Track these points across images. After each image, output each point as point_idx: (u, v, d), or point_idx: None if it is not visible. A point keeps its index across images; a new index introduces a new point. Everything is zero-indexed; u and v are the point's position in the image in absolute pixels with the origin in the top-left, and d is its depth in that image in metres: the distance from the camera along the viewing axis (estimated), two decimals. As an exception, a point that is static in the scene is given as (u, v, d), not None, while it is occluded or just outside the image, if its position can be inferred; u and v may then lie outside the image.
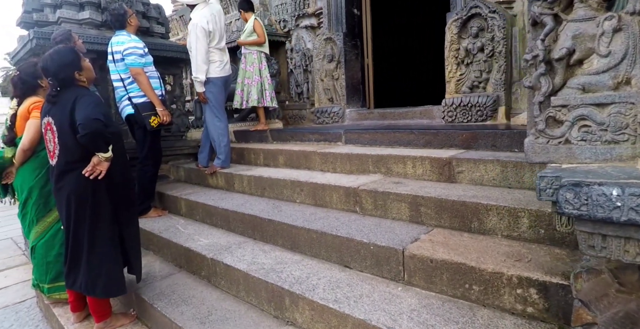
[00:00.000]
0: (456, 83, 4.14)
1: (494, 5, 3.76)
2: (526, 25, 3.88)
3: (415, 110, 4.55)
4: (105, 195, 2.42)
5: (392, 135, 3.52)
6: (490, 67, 3.92)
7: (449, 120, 4.12)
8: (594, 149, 1.53)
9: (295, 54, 5.68)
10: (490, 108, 3.86)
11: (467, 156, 2.80)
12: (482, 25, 3.87)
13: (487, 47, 3.85)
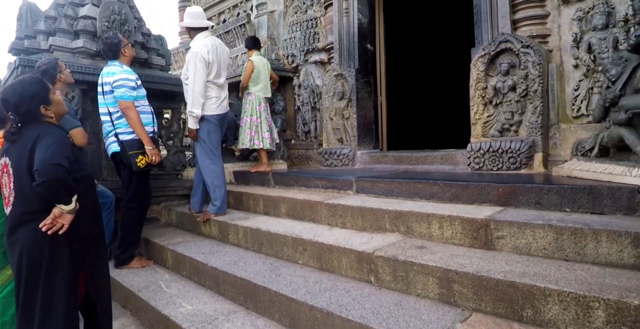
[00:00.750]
0: (483, 126, 3.70)
1: (527, 39, 3.38)
2: (565, 62, 3.49)
3: (436, 154, 4.09)
4: (66, 253, 2.02)
5: (412, 185, 3.05)
6: (524, 108, 3.48)
7: (476, 168, 3.65)
8: None
9: (303, 90, 5.36)
10: (525, 155, 3.39)
11: (508, 217, 2.31)
12: (514, 62, 3.48)
13: (519, 85, 3.44)
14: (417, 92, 8.51)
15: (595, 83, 3.30)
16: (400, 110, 7.40)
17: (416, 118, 8.45)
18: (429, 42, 8.30)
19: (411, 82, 8.23)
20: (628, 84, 2.67)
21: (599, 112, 2.84)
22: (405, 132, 7.74)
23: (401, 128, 7.26)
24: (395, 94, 7.11)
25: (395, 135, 6.09)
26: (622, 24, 3.19)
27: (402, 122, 7.55)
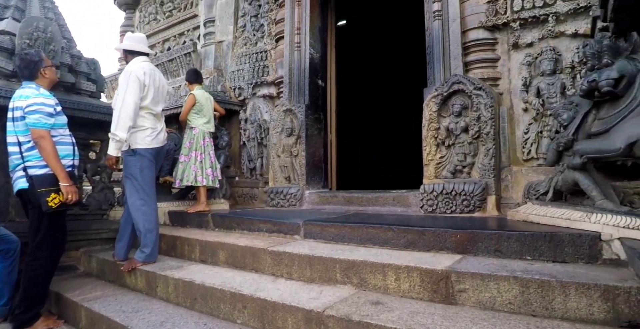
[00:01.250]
0: (436, 167, 3.64)
1: (479, 81, 3.42)
2: (515, 105, 3.56)
3: (387, 195, 3.96)
4: None
5: (365, 230, 2.84)
6: (476, 149, 3.47)
7: (429, 210, 3.53)
8: None
9: (249, 124, 5.13)
10: (479, 198, 3.32)
11: (470, 268, 2.14)
12: (466, 103, 3.50)
13: (472, 127, 3.44)
14: (369, 131, 8.57)
15: (545, 127, 3.36)
16: (351, 148, 7.36)
17: (367, 156, 8.45)
18: (382, 81, 8.47)
19: (363, 120, 8.30)
20: (580, 129, 2.70)
21: (553, 156, 2.84)
22: (355, 171, 7.68)
23: (351, 167, 7.17)
24: (346, 132, 7.09)
25: (345, 173, 5.96)
26: (569, 70, 3.31)
27: (352, 161, 7.48)
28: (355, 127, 8.22)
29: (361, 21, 7.90)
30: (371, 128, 8.73)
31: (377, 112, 8.61)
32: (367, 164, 8.81)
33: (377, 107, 8.61)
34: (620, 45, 2.45)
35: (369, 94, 8.54)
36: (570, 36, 3.34)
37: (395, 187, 4.39)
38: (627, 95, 2.42)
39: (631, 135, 2.30)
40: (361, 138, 8.66)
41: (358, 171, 8.21)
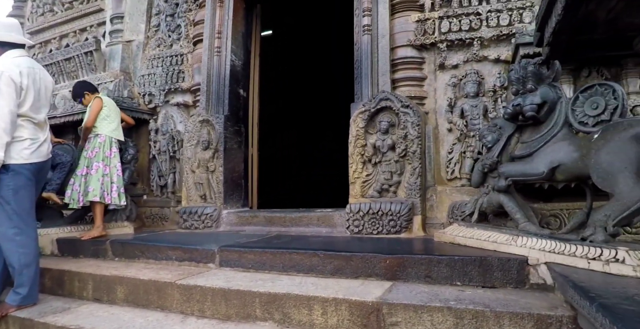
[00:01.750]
0: (362, 185, 3.55)
1: (406, 99, 3.42)
2: (440, 125, 3.61)
3: (312, 215, 3.78)
4: None
5: (288, 256, 2.62)
6: (403, 168, 3.44)
7: (355, 231, 3.42)
8: None
9: (161, 136, 4.67)
10: (405, 218, 3.28)
11: (402, 298, 2.02)
12: (393, 121, 3.47)
13: (399, 145, 3.41)
14: (292, 145, 8.41)
15: (468, 147, 3.44)
16: (274, 163, 7.14)
17: (292, 173, 8.26)
18: (308, 94, 8.40)
19: (286, 134, 8.12)
20: (504, 151, 2.77)
21: (478, 177, 2.88)
22: (279, 188, 7.45)
23: (274, 184, 6.93)
24: (269, 146, 6.86)
25: (268, 191, 5.72)
26: (491, 94, 3.44)
27: (275, 177, 7.26)
28: (289, 131, 8.07)
29: (293, 29, 7.80)
30: (306, 132, 8.60)
31: (311, 117, 8.51)
32: (303, 166, 8.70)
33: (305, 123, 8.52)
34: (543, 72, 2.56)
35: (303, 101, 8.43)
36: (493, 61, 3.48)
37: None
38: (549, 121, 2.52)
39: (553, 160, 2.37)
40: (297, 141, 8.50)
41: (293, 176, 8.05)
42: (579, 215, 2.40)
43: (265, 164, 5.32)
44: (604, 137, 2.12)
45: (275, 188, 7.24)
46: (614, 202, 2.02)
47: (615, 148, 2.05)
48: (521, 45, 3.03)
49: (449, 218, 3.36)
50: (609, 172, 2.06)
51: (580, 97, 2.42)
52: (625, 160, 2.00)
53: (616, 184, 2.02)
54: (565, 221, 2.88)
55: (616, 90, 2.28)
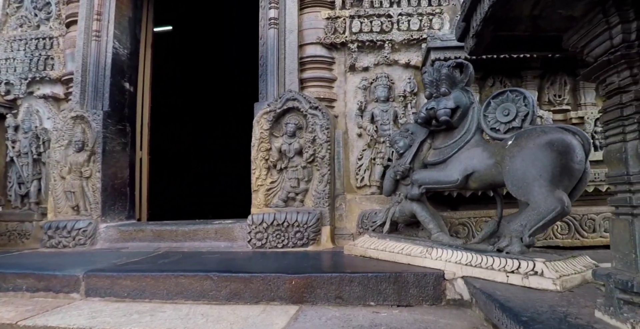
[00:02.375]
0: (266, 194, 3.20)
1: (315, 101, 3.15)
2: (350, 130, 3.40)
3: (209, 228, 3.32)
4: None
5: (174, 281, 2.17)
6: (310, 175, 3.16)
7: (258, 245, 3.05)
8: None
9: (22, 134, 3.82)
10: (313, 229, 2.99)
11: (310, 327, 1.70)
12: (301, 123, 3.18)
13: (307, 150, 3.13)
14: (194, 149, 7.72)
15: (378, 154, 3.28)
16: (166, 169, 6.45)
17: (192, 180, 7.55)
18: (210, 91, 7.78)
19: (181, 136, 7.42)
20: (416, 158, 2.62)
21: (390, 185, 2.70)
22: (176, 196, 6.76)
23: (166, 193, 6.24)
24: (164, 150, 6.18)
25: (163, 200, 5.07)
26: (401, 99, 3.32)
27: (168, 185, 6.56)
28: (190, 133, 7.39)
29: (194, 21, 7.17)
30: (211, 135, 7.93)
31: (216, 117, 7.89)
32: (205, 172, 8.02)
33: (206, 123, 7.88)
34: (456, 75, 2.45)
35: (206, 100, 7.78)
36: (403, 66, 3.39)
37: (221, 217, 3.80)
38: (462, 127, 2.42)
39: (467, 167, 2.26)
40: (199, 144, 7.79)
41: (192, 184, 7.35)
42: (490, 224, 2.31)
43: (159, 169, 4.71)
44: (518, 144, 2.04)
45: (171, 196, 6.55)
46: (530, 211, 1.93)
47: (530, 155, 1.97)
48: (432, 50, 2.94)
49: (358, 228, 3.16)
50: (524, 180, 1.97)
51: (492, 103, 2.35)
52: (540, 167, 1.93)
53: (531, 193, 1.94)
54: (473, 229, 2.82)
55: (527, 97, 2.23)
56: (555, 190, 1.91)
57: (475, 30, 1.55)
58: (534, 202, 1.93)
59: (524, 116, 2.23)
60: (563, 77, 3.18)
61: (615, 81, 1.31)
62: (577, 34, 1.42)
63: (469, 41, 1.70)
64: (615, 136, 1.31)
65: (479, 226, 2.81)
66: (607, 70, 1.33)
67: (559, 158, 1.91)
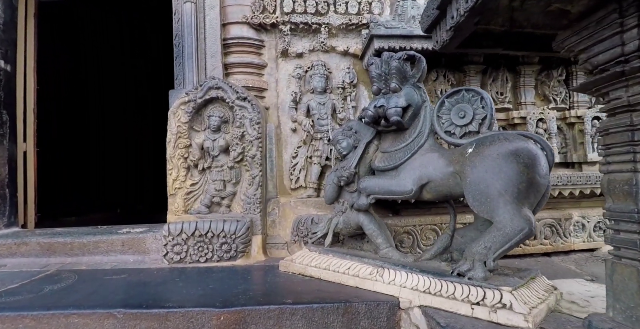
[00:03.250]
0: (185, 198, 2.72)
1: (244, 90, 2.69)
2: (282, 124, 3.00)
3: (114, 238, 2.76)
4: None
5: (64, 321, 1.69)
6: (239, 176, 2.74)
7: (176, 259, 2.57)
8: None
9: None
10: (242, 240, 2.59)
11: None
12: (227, 116, 2.72)
13: (234, 147, 2.68)
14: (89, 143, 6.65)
15: (315, 151, 2.93)
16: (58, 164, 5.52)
17: (85, 179, 6.49)
18: (115, 74, 6.77)
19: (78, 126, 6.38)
20: (362, 161, 2.31)
21: (332, 192, 2.36)
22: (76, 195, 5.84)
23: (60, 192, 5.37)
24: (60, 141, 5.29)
25: (50, 202, 4.29)
26: (340, 91, 2.98)
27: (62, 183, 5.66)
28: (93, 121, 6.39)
29: None
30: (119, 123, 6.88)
31: (126, 103, 6.88)
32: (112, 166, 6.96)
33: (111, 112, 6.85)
34: (407, 69, 2.15)
35: (97, 93, 6.73)
36: (341, 53, 3.04)
37: (131, 223, 3.23)
38: (413, 128, 2.14)
39: (422, 176, 1.99)
40: (104, 134, 6.70)
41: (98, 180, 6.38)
42: (443, 239, 2.09)
43: (54, 165, 3.93)
44: (480, 152, 1.80)
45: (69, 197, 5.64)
46: (494, 232, 1.71)
47: (493, 167, 1.74)
48: (376, 38, 2.62)
49: (293, 235, 2.81)
50: (487, 195, 1.74)
51: (446, 102, 2.09)
52: (505, 181, 1.71)
53: (495, 210, 1.72)
54: (418, 238, 2.62)
55: (484, 98, 2.00)
56: (522, 208, 1.71)
57: (455, 21, 1.24)
58: (499, 222, 1.71)
59: (481, 119, 2.00)
60: (505, 73, 3.05)
61: (623, 96, 1.08)
62: (577, 35, 1.16)
63: (442, 34, 1.39)
64: (622, 164, 1.09)
65: (424, 234, 2.61)
66: (613, 82, 1.09)
67: (525, 171, 1.71)
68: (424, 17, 1.54)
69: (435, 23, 1.43)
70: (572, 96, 3.09)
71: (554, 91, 3.10)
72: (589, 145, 2.93)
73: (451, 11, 1.27)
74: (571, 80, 3.08)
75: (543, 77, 3.11)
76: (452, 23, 1.27)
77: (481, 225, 2.04)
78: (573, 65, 3.05)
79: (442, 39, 1.42)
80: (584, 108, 3.05)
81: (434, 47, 1.62)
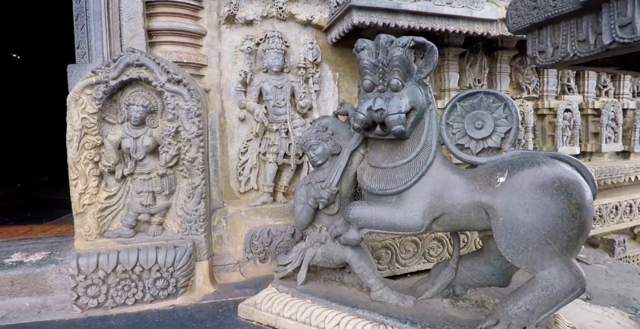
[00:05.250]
0: (100, 216, 1.93)
1: (177, 69, 1.88)
2: (227, 111, 2.27)
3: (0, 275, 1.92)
4: None
5: None
6: (173, 185, 2.00)
7: (93, 305, 1.82)
8: None
9: None
10: (184, 271, 1.92)
11: None
12: (154, 105, 1.92)
13: (165, 148, 1.92)
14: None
15: (269, 147, 2.27)
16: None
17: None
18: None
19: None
20: (344, 175, 1.74)
21: (307, 216, 1.76)
22: None
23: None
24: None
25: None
26: (302, 71, 2.30)
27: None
28: None
29: None
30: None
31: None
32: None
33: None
34: (411, 61, 1.55)
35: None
36: (302, 24, 2.32)
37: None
38: (415, 138, 1.59)
39: (434, 207, 1.47)
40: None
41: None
42: (447, 273, 1.65)
43: None
44: (517, 184, 1.33)
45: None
46: (538, 291, 1.29)
47: (537, 207, 1.29)
48: (356, 9, 1.96)
49: (246, 252, 2.21)
50: (528, 243, 1.30)
51: (459, 107, 1.57)
52: (552, 226, 1.27)
53: (540, 263, 1.29)
54: (397, 252, 2.17)
55: (509, 105, 1.51)
56: (571, 259, 1.31)
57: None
58: (544, 278, 1.29)
59: (504, 133, 1.54)
60: (483, 59, 2.61)
61: None
62: None
63: (587, 46, 0.82)
64: None
65: (404, 247, 2.17)
66: None
67: (577, 214, 1.28)
68: (523, 8, 0.96)
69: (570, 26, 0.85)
70: (542, 85, 2.79)
71: (527, 79, 2.75)
72: (559, 138, 2.68)
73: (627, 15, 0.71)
74: (542, 69, 2.76)
75: (517, 63, 2.74)
76: (628, 37, 0.72)
77: (495, 260, 1.64)
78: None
79: (580, 52, 0.85)
80: (553, 98, 2.78)
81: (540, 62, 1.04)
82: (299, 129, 2.30)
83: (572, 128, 2.64)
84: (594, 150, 2.76)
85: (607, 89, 2.92)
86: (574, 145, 2.65)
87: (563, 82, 2.82)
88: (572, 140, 2.65)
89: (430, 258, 2.22)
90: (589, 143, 2.78)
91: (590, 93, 2.85)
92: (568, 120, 2.67)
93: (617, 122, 2.75)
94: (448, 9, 2.06)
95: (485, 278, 1.67)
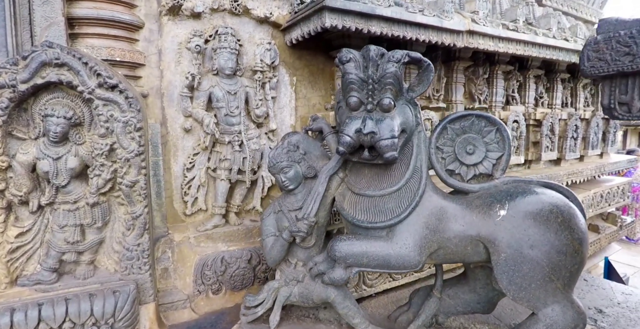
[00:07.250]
0: (10, 259, 1.50)
1: (111, 72, 1.49)
2: (170, 119, 1.91)
3: None
4: None
5: None
6: (107, 215, 1.62)
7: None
8: None
9: None
10: (127, 321, 1.57)
11: None
12: (80, 116, 1.51)
13: (97, 170, 1.53)
14: None
15: (221, 162, 1.97)
16: None
17: None
18: None
19: None
20: (322, 203, 1.53)
21: (280, 251, 1.52)
22: None
23: None
24: None
25: None
26: (259, 75, 2.01)
27: None
28: None
29: None
30: None
31: None
32: None
33: None
34: (401, 78, 1.39)
35: None
36: (258, 20, 2.03)
37: None
38: (403, 163, 1.45)
39: (430, 241, 1.35)
40: None
41: None
42: (431, 304, 1.56)
43: None
44: (520, 219, 1.26)
45: None
46: (540, 328, 1.24)
47: (542, 243, 1.23)
48: (329, 11, 1.73)
49: (197, 285, 1.90)
50: (531, 280, 1.24)
51: (449, 129, 1.46)
52: (556, 263, 1.23)
53: (543, 300, 1.24)
54: (364, 273, 2.02)
55: (501, 130, 1.44)
56: (572, 295, 1.28)
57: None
58: (547, 316, 1.25)
59: (496, 159, 1.45)
60: (441, 69, 2.55)
61: None
62: None
63: None
64: None
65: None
66: None
67: (580, 249, 1.25)
68: (610, 52, 0.82)
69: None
70: (491, 96, 2.82)
71: (479, 90, 2.76)
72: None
73: None
74: (492, 79, 2.78)
75: (470, 73, 2.73)
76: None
77: (481, 288, 1.58)
78: (496, 65, 2.74)
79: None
80: (500, 109, 2.83)
81: (618, 115, 0.92)
82: (254, 141, 2.03)
83: (519, 138, 2.71)
84: (534, 158, 2.89)
85: (542, 100, 3.07)
86: (519, 155, 2.73)
87: (508, 92, 2.89)
88: (518, 150, 2.73)
89: (396, 277, 2.13)
90: (529, 152, 2.90)
91: (530, 104, 2.97)
92: (515, 130, 2.73)
93: (554, 132, 2.90)
94: (420, 17, 1.92)
95: (470, 306, 1.61)
